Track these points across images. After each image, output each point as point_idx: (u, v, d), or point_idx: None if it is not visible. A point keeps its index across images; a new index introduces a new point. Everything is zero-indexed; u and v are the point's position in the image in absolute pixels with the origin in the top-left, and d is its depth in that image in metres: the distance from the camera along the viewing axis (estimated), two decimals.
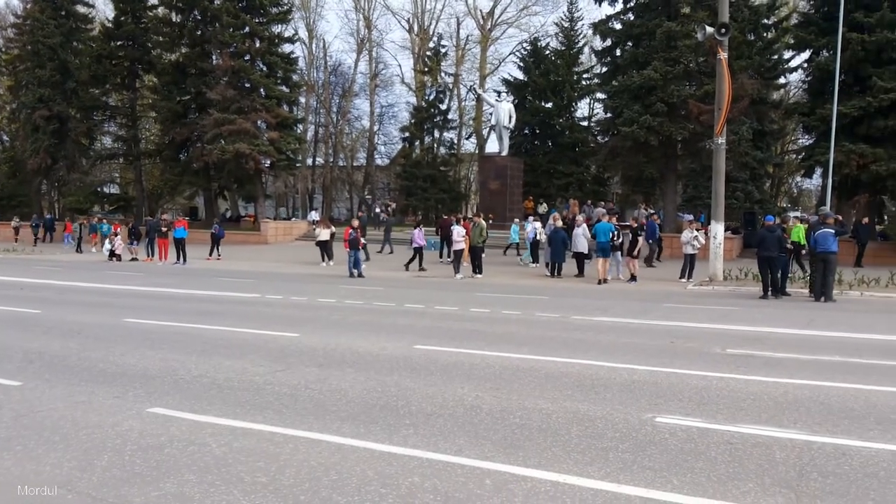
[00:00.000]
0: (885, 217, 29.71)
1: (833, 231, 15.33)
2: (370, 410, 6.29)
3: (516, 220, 28.61)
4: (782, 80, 36.56)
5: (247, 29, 38.72)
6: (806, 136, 34.78)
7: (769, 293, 15.73)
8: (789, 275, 17.10)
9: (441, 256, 25.60)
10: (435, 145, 47.03)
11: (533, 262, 23.43)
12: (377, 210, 40.21)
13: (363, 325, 11.38)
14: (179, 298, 15.40)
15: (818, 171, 30.27)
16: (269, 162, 39.16)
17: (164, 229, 26.22)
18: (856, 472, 4.83)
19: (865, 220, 25.61)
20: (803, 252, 18.94)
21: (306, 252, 28.52)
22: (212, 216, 40.61)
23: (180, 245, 25.18)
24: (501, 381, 7.38)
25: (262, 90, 38.63)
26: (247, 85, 38.47)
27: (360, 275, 20.03)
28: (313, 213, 45.29)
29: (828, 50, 27.12)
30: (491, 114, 37.04)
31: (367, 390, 6.98)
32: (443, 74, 47.36)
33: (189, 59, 40.02)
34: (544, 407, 6.39)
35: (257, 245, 35.10)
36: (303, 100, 49.93)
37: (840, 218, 17.59)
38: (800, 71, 33.34)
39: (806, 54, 31.04)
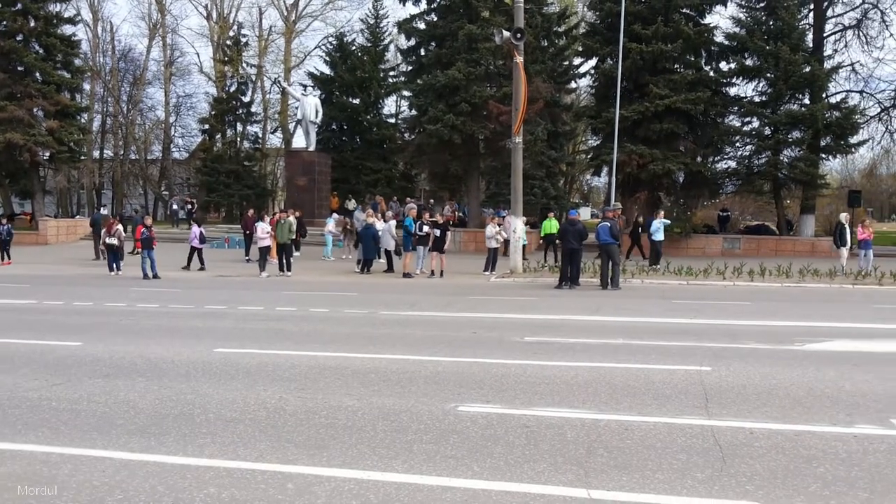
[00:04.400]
0: (662, 212, 32.81)
1: (609, 225, 16.76)
2: (163, 421, 5.86)
3: (335, 215, 28.30)
4: (573, 85, 39.27)
5: (18, 6, 34.77)
6: (594, 138, 37.57)
7: (564, 283, 16.82)
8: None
9: (246, 255, 24.66)
10: (238, 139, 45.20)
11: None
12: (174, 207, 37.89)
13: (157, 329, 10.62)
14: None
15: (605, 169, 32.81)
16: (48, 154, 35.51)
17: None
18: (637, 445, 5.25)
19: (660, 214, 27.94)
20: (557, 242, 20.78)
21: (93, 252, 26.17)
22: None
23: None
24: (307, 381, 7.21)
25: (38, 74, 34.93)
26: (20, 68, 34.60)
27: (155, 276, 18.75)
28: (103, 210, 41.72)
29: (611, 58, 29.43)
30: (297, 108, 36.26)
31: (161, 399, 6.51)
32: (245, 65, 45.56)
33: None
34: (350, 404, 6.32)
35: (35, 246, 31.67)
36: (88, 87, 45.78)
37: (618, 212, 19.19)
38: (588, 77, 35.88)
39: (593, 61, 33.48)
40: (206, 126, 44.35)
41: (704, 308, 13.05)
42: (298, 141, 38.21)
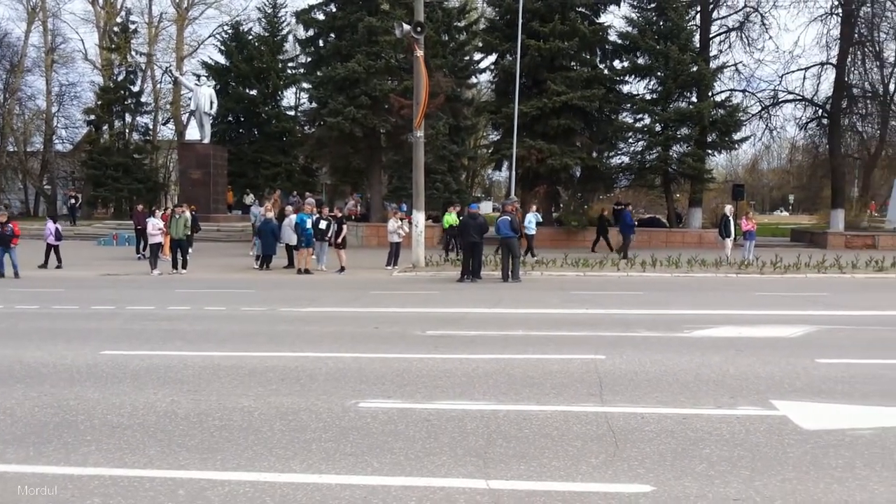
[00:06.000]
0: (561, 205, 33.77)
1: (510, 219, 17.07)
2: (43, 430, 5.50)
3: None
4: (474, 80, 39.62)
5: None
6: (494, 132, 38.04)
7: (466, 277, 16.98)
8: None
9: (138, 252, 23.58)
10: (127, 130, 43.00)
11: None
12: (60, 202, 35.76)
13: (37, 332, 9.97)
14: None
15: (505, 163, 33.33)
16: None
17: None
18: (535, 434, 5.34)
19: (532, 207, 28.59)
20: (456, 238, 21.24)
21: None
22: None
23: None
24: (201, 383, 6.94)
25: None
26: None
27: (16, 275, 17.62)
28: None
29: (510, 54, 29.88)
30: (190, 98, 34.91)
31: (41, 407, 6.10)
32: (134, 53, 43.44)
33: None
34: (247, 405, 6.13)
35: None
36: None
37: (517, 206, 19.55)
38: (488, 72, 36.33)
39: (493, 57, 33.86)
40: (92, 117, 41.95)
41: (600, 298, 13.48)
42: (192, 133, 36.75)
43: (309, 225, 18.59)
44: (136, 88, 42.76)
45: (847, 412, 5.88)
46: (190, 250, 20.48)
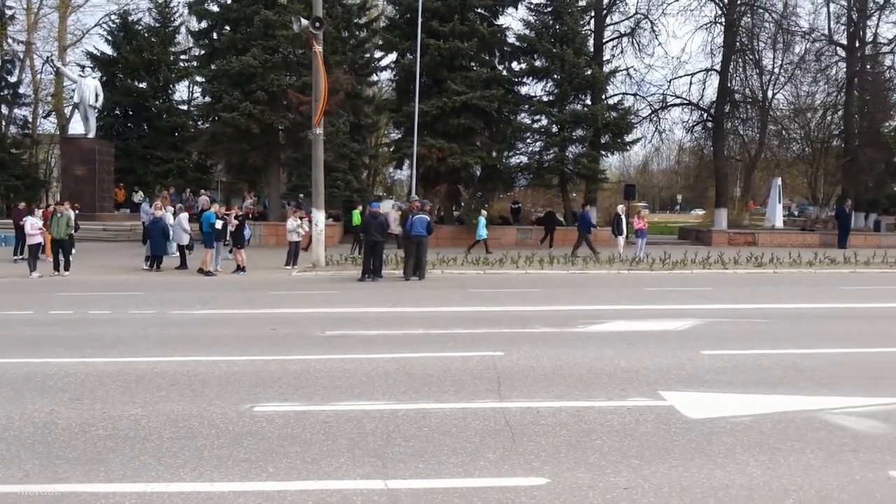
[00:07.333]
0: (462, 204, 34.09)
1: (428, 219, 17.19)
2: None
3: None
4: (375, 78, 39.43)
5: None
6: (396, 131, 38.03)
7: (367, 276, 16.86)
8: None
9: (16, 253, 22.06)
10: (3, 123, 40.22)
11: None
12: None
13: None
14: None
15: (406, 162, 33.33)
16: None
17: None
18: (434, 432, 5.35)
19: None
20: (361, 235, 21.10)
21: None
22: None
23: None
24: (84, 391, 6.56)
25: None
26: None
27: None
28: None
29: (411, 53, 29.86)
30: (74, 90, 32.96)
31: None
32: (10, 41, 40.61)
33: None
34: (134, 413, 5.85)
35: None
36: None
37: (429, 205, 19.63)
38: (389, 70, 36.21)
39: (393, 56, 33.77)
40: None
41: (499, 295, 13.70)
42: (76, 127, 34.63)
43: (219, 225, 17.95)
44: (13, 79, 39.93)
45: (729, 400, 6.20)
46: (73, 251, 19.38)
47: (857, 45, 35.00)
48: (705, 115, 36.36)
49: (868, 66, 36.13)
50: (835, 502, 4.17)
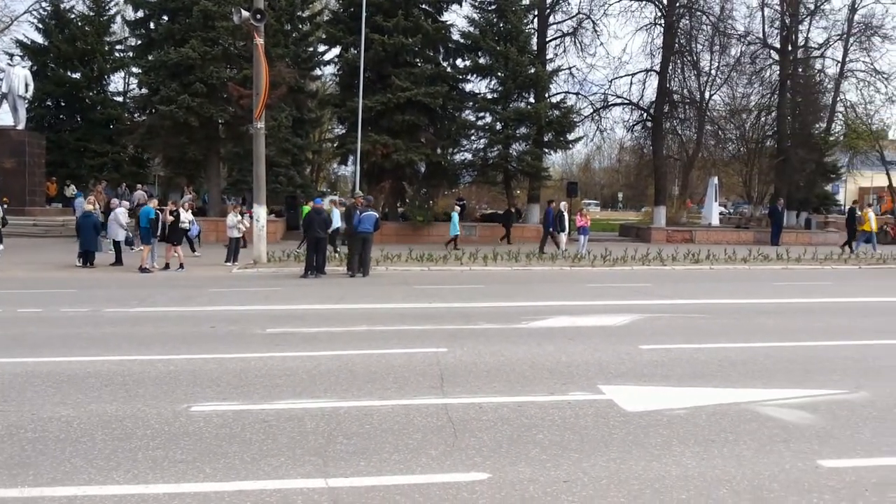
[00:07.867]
0: (407, 201, 34.01)
1: (376, 215, 17.15)
2: None
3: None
4: (318, 72, 38.89)
5: None
6: (340, 126, 37.61)
7: (310, 272, 16.67)
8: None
9: None
10: None
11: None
12: None
13: None
14: None
15: (350, 158, 33.03)
16: None
17: None
18: (376, 430, 5.32)
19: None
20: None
21: None
22: None
23: None
24: (11, 392, 6.31)
25: None
26: None
27: None
28: None
29: (354, 48, 29.60)
30: (2, 80, 31.60)
31: None
32: None
33: None
34: (65, 414, 5.65)
35: None
36: None
37: (372, 200, 19.50)
38: (333, 65, 35.78)
39: (337, 50, 33.40)
40: None
41: (443, 292, 13.72)
42: (5, 118, 33.26)
43: (149, 220, 17.47)
44: None
45: (665, 394, 6.35)
46: (1, 246, 18.60)
47: (790, 48, 36.25)
48: (645, 114, 37.11)
49: (800, 70, 37.46)
50: (766, 491, 4.31)
